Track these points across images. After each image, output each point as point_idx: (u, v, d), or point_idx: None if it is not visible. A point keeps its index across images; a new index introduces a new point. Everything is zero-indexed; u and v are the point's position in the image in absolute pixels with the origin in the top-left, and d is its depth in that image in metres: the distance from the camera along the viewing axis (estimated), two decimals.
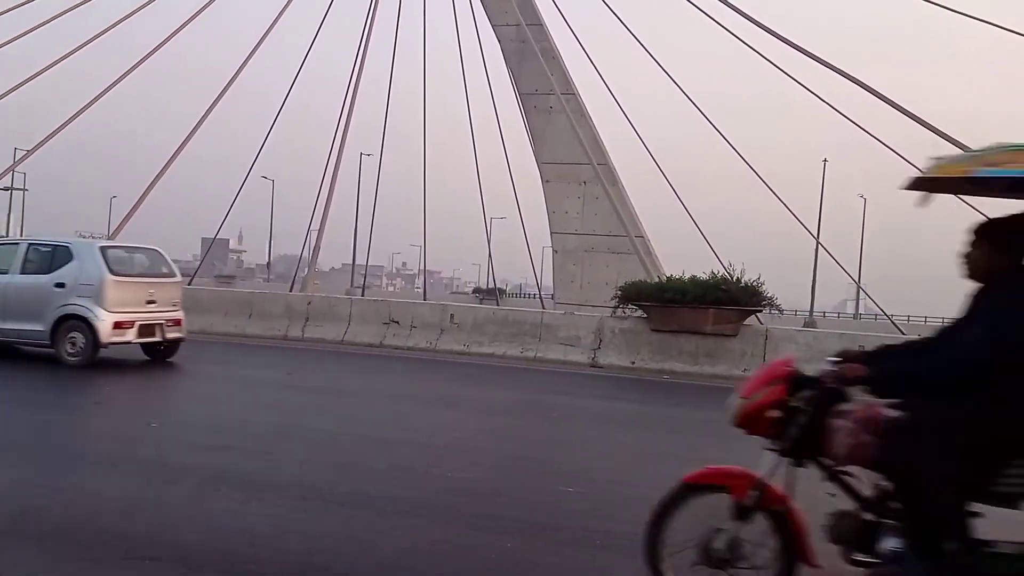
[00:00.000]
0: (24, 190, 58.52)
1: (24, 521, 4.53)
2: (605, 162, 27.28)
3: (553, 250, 28.58)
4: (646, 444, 8.10)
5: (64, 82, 28.17)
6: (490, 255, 40.91)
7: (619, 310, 15.08)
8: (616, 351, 14.64)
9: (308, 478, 5.85)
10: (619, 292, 15.14)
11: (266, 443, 7.01)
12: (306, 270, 31.31)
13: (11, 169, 31.68)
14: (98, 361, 11.35)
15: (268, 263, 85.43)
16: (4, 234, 64.50)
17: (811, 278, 48.75)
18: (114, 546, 4.19)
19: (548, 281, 36.64)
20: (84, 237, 18.94)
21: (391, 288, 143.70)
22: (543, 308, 23.22)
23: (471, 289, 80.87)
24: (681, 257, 26.63)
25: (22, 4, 26.29)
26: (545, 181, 28.26)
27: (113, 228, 29.40)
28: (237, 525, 4.66)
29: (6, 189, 51.73)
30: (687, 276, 14.71)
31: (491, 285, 49.37)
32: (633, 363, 14.27)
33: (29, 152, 27.81)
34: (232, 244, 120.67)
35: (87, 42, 26.76)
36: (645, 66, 26.27)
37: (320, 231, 26.26)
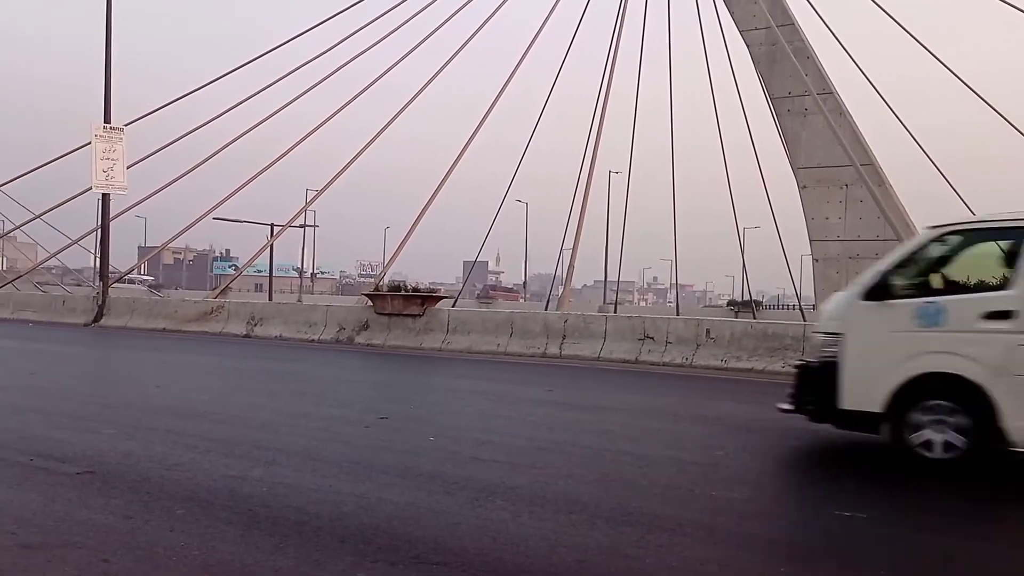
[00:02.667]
0: (315, 227, 65.75)
1: (330, 524, 5.10)
2: (869, 162, 25.44)
3: (813, 258, 27.09)
4: None
5: (341, 128, 31.43)
6: (744, 266, 39.69)
7: None
8: None
9: (574, 492, 6.01)
10: None
11: (532, 457, 7.31)
12: (560, 288, 32.21)
13: (304, 209, 35.84)
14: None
15: (524, 283, 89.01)
16: (299, 266, 72.88)
17: None
18: (405, 550, 4.59)
19: (808, 291, 34.72)
20: (365, 266, 20.83)
21: (642, 303, 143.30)
22: (804, 320, 22.01)
23: (725, 302, 78.60)
24: None
25: (296, 69, 29.78)
26: (802, 187, 26.90)
27: (388, 256, 32.10)
28: (510, 536, 4.91)
29: (300, 226, 58.34)
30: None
31: (746, 297, 47.67)
32: None
33: (319, 192, 31.31)
34: (491, 266, 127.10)
35: (360, 92, 29.72)
36: (910, 52, 24.24)
37: (574, 250, 26.94)
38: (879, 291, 7.21)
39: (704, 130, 35.75)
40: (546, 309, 28.49)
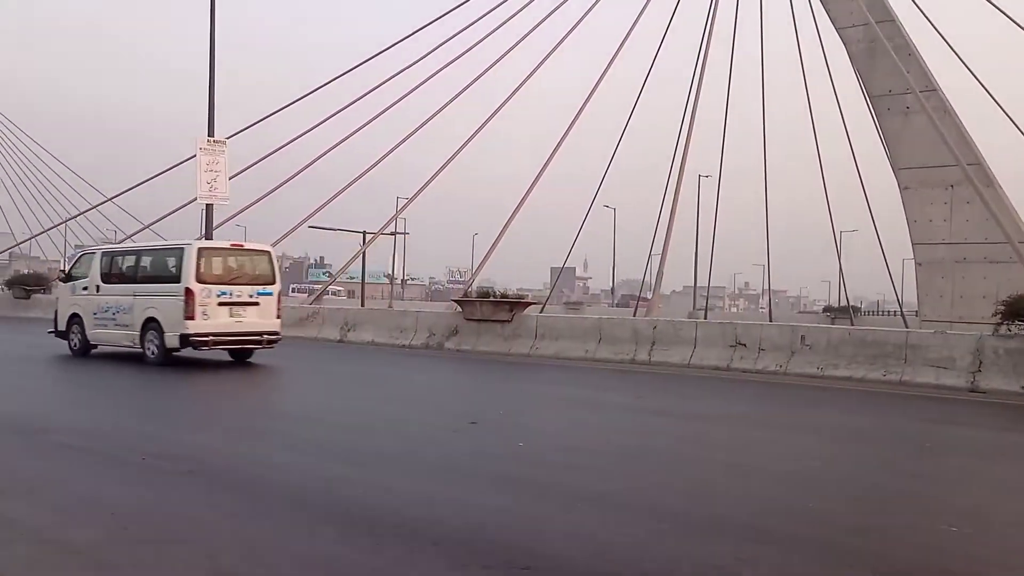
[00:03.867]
0: (406, 234, 66.93)
1: (424, 526, 5.19)
2: (976, 161, 24.26)
3: (916, 262, 26.00)
4: None
5: (430, 137, 32.00)
6: (841, 271, 38.41)
7: (1003, 327, 13.26)
8: (1001, 374, 12.87)
9: (664, 501, 5.95)
10: (1002, 306, 13.35)
11: (621, 465, 7.27)
12: (649, 294, 31.85)
13: (395, 217, 36.53)
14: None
15: (612, 288, 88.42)
16: (391, 273, 74.30)
17: None
18: (497, 554, 4.63)
19: (910, 297, 33.37)
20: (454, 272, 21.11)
21: (733, 309, 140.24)
22: (907, 327, 21.14)
23: (821, 308, 76.13)
24: None
25: (386, 80, 30.40)
26: (904, 188, 25.87)
27: (476, 263, 32.43)
28: (599, 543, 4.89)
29: (391, 234, 59.47)
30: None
31: (843, 303, 46.12)
32: None
33: (409, 200, 31.88)
34: (578, 272, 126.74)
35: (448, 103, 30.18)
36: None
37: (663, 255, 26.59)
38: (67, 277, 17.21)
39: (798, 130, 34.75)
40: (634, 315, 28.20)
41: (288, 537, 4.85)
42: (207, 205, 27.03)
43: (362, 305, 41.53)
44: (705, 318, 38.46)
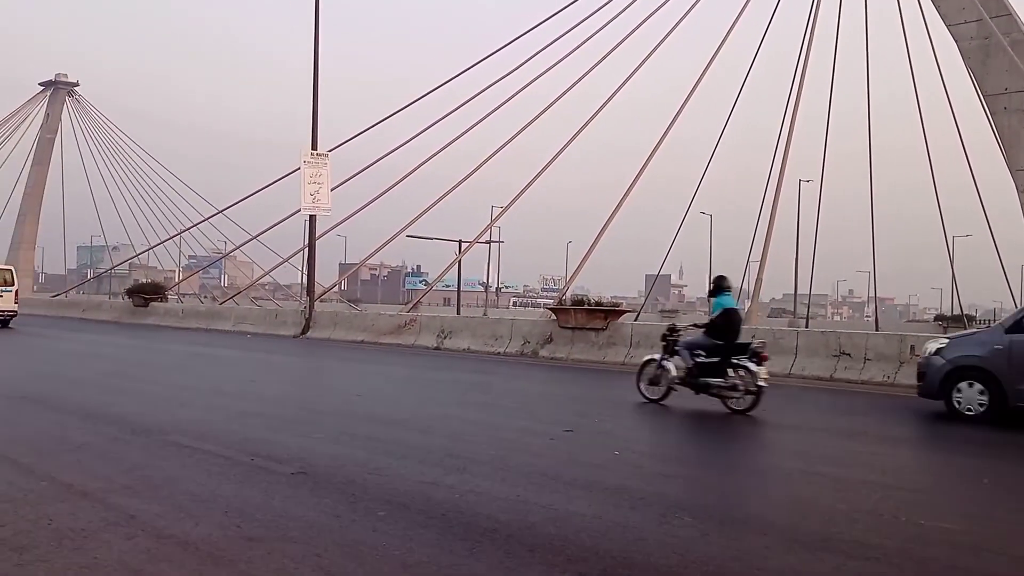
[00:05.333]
0: (500, 242, 67.54)
1: (520, 532, 5.23)
2: None
3: None
4: None
5: (524, 147, 32.22)
6: (954, 278, 36.65)
7: None
8: None
9: (766, 513, 5.82)
10: None
11: (720, 476, 7.14)
12: (747, 302, 31.14)
13: (490, 226, 37.02)
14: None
15: (708, 297, 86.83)
16: (485, 281, 75.07)
17: None
18: (593, 563, 4.63)
19: None
20: (548, 280, 21.18)
21: (837, 318, 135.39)
22: None
23: (932, 316, 72.69)
24: None
25: (481, 92, 30.75)
26: (1022, 191, 24.48)
27: (570, 271, 32.46)
28: (699, 554, 4.82)
29: (486, 242, 60.13)
30: None
31: (957, 311, 43.90)
32: None
33: (504, 209, 32.23)
34: (673, 279, 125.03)
35: (541, 112, 30.33)
36: None
37: (762, 262, 25.99)
38: None
39: (905, 133, 33.38)
40: None
41: (388, 539, 4.97)
42: (310, 216, 28.04)
43: (458, 313, 42.11)
44: (807, 326, 37.19)
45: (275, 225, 37.47)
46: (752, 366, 10.69)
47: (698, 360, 11.22)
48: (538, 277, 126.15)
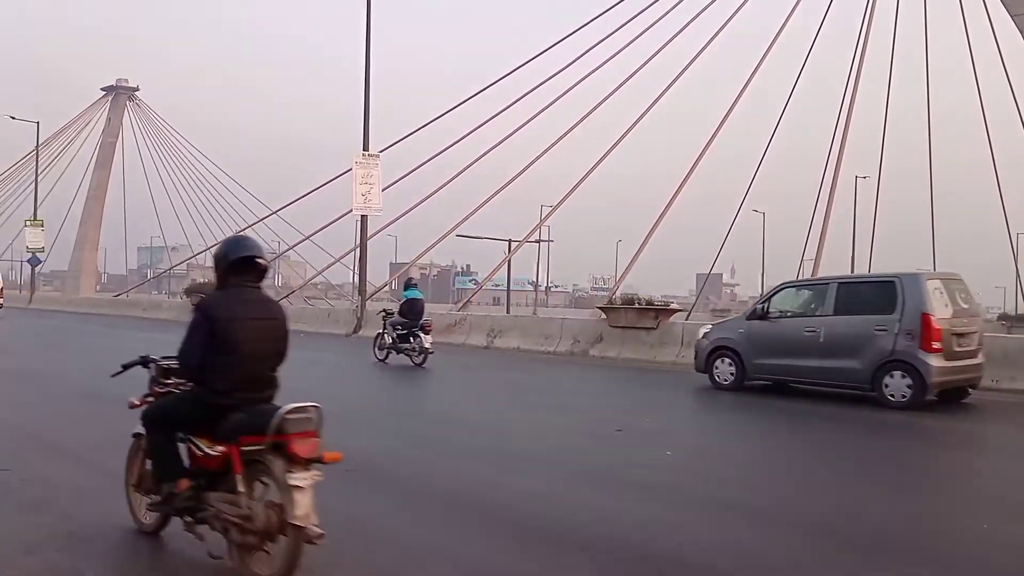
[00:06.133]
0: (550, 242, 67.43)
1: (571, 532, 5.22)
2: None
3: None
4: None
5: (573, 146, 32.15)
6: (1018, 275, 35.47)
7: None
8: None
9: (828, 517, 5.72)
10: None
11: (775, 478, 7.04)
12: None
13: (539, 225, 37.01)
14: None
15: (761, 295, 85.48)
16: (535, 280, 75.00)
17: None
18: (645, 563, 4.61)
19: None
20: (597, 279, 21.07)
21: None
22: None
23: (996, 316, 70.47)
24: None
25: (530, 91, 30.73)
26: None
27: (620, 270, 32.30)
28: (755, 557, 4.76)
29: (536, 242, 60.10)
30: None
31: (1022, 310, 42.53)
32: None
33: (553, 209, 32.20)
34: (725, 278, 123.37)
35: (591, 111, 30.22)
36: None
37: (816, 260, 25.52)
38: None
39: (966, 127, 32.44)
40: None
41: (440, 538, 5.02)
42: (362, 216, 28.37)
43: (507, 312, 42.21)
44: None
45: (327, 225, 38.10)
46: (422, 336, 16.22)
47: (396, 333, 16.86)
48: (587, 276, 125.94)
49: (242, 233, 10.80)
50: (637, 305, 19.45)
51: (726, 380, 12.86)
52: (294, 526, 3.96)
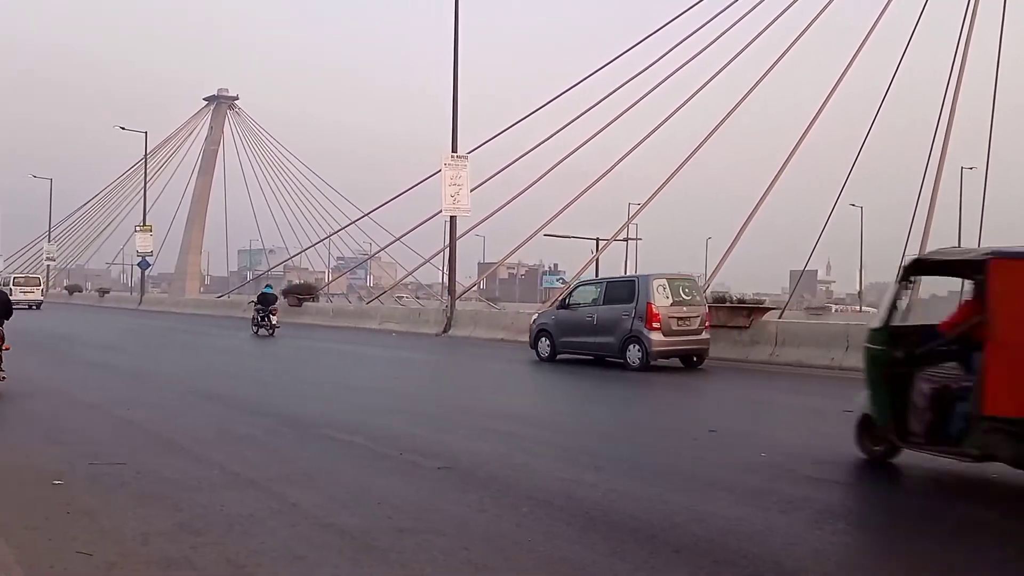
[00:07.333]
0: (638, 239, 66.76)
1: (663, 532, 5.18)
2: None
3: None
4: None
5: (661, 142, 31.73)
6: None
7: None
8: None
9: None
10: None
11: (878, 482, 6.80)
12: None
13: (628, 223, 36.73)
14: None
15: (859, 292, 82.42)
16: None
17: None
18: (741, 566, 4.52)
19: None
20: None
21: None
22: None
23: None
24: None
25: (617, 89, 30.43)
26: None
27: (711, 268, 31.72)
28: (858, 563, 4.63)
29: (623, 240, 59.62)
30: None
31: None
32: None
33: (641, 206, 31.88)
34: (820, 275, 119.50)
35: (680, 106, 29.76)
36: None
37: (920, 253, 24.45)
38: None
39: None
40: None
41: (532, 535, 5.05)
42: (451, 217, 28.75)
43: None
44: None
45: (417, 227, 38.72)
46: (272, 316, 26.01)
47: (259, 315, 26.34)
48: (676, 274, 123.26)
49: None
50: (729, 304, 19.08)
51: (545, 353, 17.38)
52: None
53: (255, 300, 27.80)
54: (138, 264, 54.68)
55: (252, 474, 6.54)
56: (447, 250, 31.43)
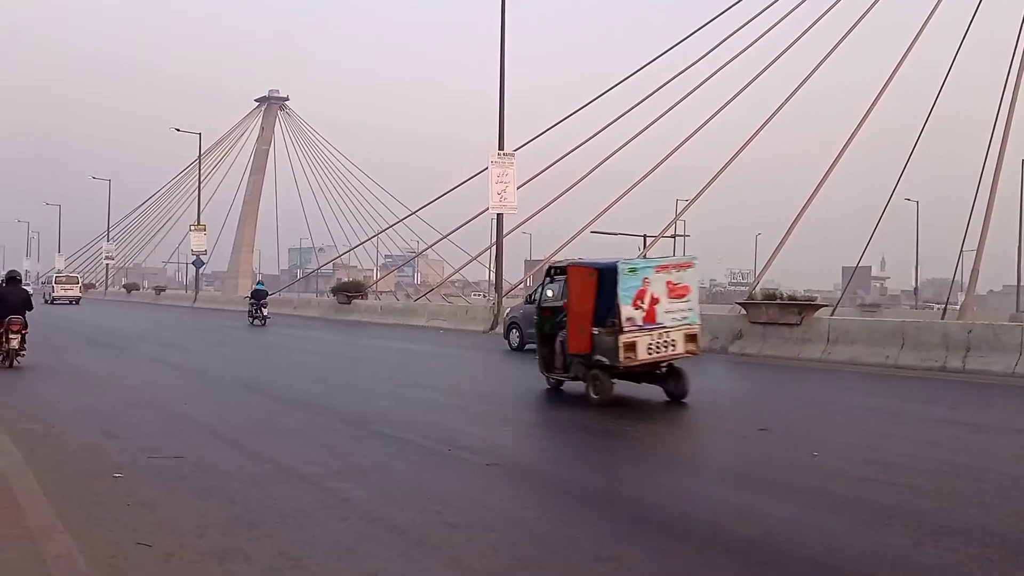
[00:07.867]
0: (686, 236, 66.13)
1: (712, 531, 5.14)
2: None
3: None
4: None
5: (709, 138, 31.38)
6: None
7: None
8: None
9: (987, 524, 5.36)
10: None
11: (934, 482, 6.64)
12: (960, 295, 28.63)
13: (675, 220, 36.36)
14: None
15: (915, 289, 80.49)
16: None
17: None
18: (792, 567, 4.48)
19: None
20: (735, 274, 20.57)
21: None
22: None
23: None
24: None
25: (663, 85, 30.14)
26: None
27: (761, 264, 31.27)
28: (913, 566, 4.53)
29: (671, 236, 59.08)
30: None
31: None
32: None
33: (689, 203, 31.61)
34: (874, 271, 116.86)
35: (730, 100, 29.36)
36: None
37: (979, 250, 23.78)
38: None
39: None
40: (943, 318, 25.43)
41: (580, 532, 5.06)
42: (497, 214, 28.81)
43: None
44: None
45: (464, 224, 38.84)
46: (263, 308, 30.15)
47: (252, 307, 30.09)
48: (725, 270, 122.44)
49: None
50: (779, 300, 18.80)
51: (515, 344, 19.42)
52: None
53: (249, 295, 32.04)
54: (192, 263, 55.90)
55: (304, 468, 6.66)
56: (494, 247, 31.49)
